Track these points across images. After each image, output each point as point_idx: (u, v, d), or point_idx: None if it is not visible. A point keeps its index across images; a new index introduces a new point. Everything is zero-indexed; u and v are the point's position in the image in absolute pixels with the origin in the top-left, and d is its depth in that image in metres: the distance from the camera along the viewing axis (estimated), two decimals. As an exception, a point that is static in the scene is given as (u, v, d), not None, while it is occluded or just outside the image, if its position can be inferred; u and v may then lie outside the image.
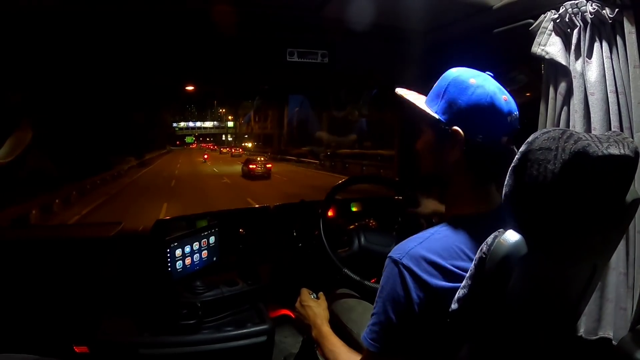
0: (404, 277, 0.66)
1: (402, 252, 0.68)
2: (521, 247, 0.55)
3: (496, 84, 0.72)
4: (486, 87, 0.70)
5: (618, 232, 0.70)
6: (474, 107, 0.70)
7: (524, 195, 0.57)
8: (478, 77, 0.72)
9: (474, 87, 0.70)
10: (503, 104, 0.70)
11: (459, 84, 0.72)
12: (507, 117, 0.70)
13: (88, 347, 1.33)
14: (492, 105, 0.69)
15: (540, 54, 1.04)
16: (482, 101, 0.69)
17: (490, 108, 0.69)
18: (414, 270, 0.65)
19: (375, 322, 0.70)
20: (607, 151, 0.53)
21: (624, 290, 0.95)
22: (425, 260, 0.66)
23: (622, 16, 0.92)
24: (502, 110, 0.69)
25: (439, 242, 0.68)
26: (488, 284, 0.57)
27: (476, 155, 0.71)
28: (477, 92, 0.70)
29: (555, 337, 0.73)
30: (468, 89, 0.70)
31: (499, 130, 0.70)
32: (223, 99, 48.27)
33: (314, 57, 1.50)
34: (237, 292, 1.42)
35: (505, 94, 0.71)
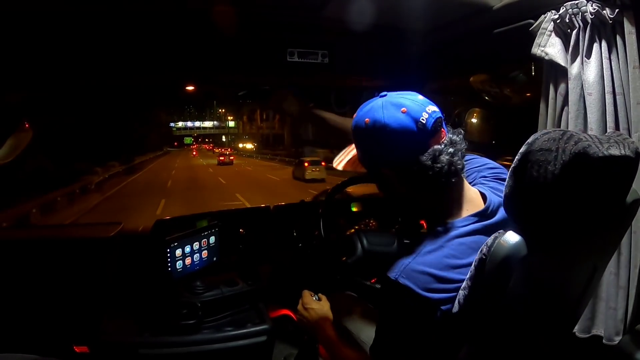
0: (403, 295, 0.65)
1: (398, 270, 0.67)
2: (521, 248, 0.55)
3: (388, 101, 0.69)
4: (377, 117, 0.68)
5: (618, 233, 0.70)
6: (380, 144, 0.69)
7: (524, 196, 0.57)
8: (370, 113, 0.70)
9: (368, 127, 0.69)
10: (403, 120, 0.67)
11: (360, 134, 0.72)
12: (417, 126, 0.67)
13: (88, 347, 1.33)
14: (392, 131, 0.67)
15: (540, 55, 1.04)
16: (381, 134, 0.68)
17: (390, 135, 0.67)
18: (411, 287, 0.65)
19: (380, 338, 0.72)
20: (608, 152, 0.53)
21: (614, 290, 0.96)
22: (421, 274, 0.65)
23: (622, 16, 0.92)
24: (406, 127, 0.67)
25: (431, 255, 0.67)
26: (488, 285, 0.57)
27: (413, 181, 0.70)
28: (373, 129, 0.69)
29: (555, 337, 0.73)
30: (365, 132, 0.70)
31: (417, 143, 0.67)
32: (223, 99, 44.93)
33: (314, 57, 1.50)
34: (237, 292, 1.42)
35: (402, 105, 0.68)
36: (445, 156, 0.67)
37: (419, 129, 0.67)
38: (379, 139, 0.68)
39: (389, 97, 0.70)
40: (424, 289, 0.64)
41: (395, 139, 0.67)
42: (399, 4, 1.23)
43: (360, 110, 0.73)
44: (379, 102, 0.70)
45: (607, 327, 0.97)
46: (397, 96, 0.70)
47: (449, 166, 0.68)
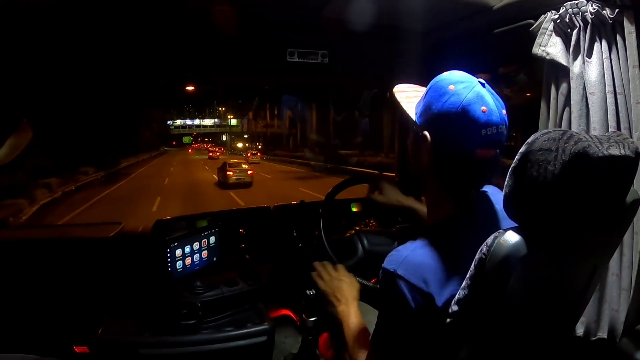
0: (400, 287, 0.66)
1: (396, 262, 0.68)
2: (521, 248, 0.55)
3: (479, 91, 0.68)
4: (462, 96, 0.67)
5: (618, 233, 0.70)
6: (444, 114, 0.68)
7: (524, 196, 0.57)
8: (459, 84, 0.69)
9: (450, 95, 0.68)
10: (479, 115, 0.66)
11: (437, 89, 0.70)
12: (482, 130, 0.66)
13: (88, 347, 1.33)
14: (463, 115, 0.66)
15: (540, 54, 1.04)
16: (452, 110, 0.67)
17: (459, 118, 0.67)
18: (408, 279, 0.65)
19: (379, 330, 0.72)
20: (608, 152, 0.53)
21: (617, 291, 0.95)
22: (418, 267, 0.66)
23: (622, 16, 0.92)
24: (477, 122, 0.66)
25: (427, 249, 0.68)
26: (488, 284, 0.57)
27: (442, 163, 0.71)
28: (450, 100, 0.68)
29: (556, 338, 0.73)
30: (443, 96, 0.69)
31: (470, 141, 0.67)
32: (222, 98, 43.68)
33: (314, 57, 1.50)
34: (237, 292, 1.42)
35: (486, 105, 0.67)
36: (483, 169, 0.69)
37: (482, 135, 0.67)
38: (448, 109, 0.67)
39: (485, 89, 0.69)
40: (421, 280, 0.65)
41: (463, 123, 0.67)
42: (399, 4, 1.23)
43: (453, 73, 0.72)
44: (473, 84, 0.69)
45: (610, 329, 0.97)
46: (489, 94, 0.69)
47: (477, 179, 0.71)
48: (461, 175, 0.71)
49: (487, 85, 0.70)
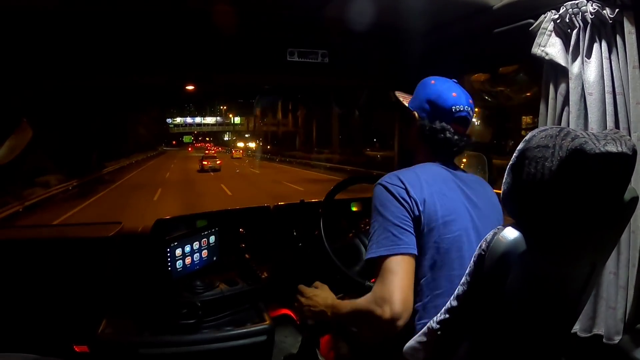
0: (387, 187, 0.86)
1: (384, 178, 0.89)
2: (520, 244, 0.55)
3: (451, 85, 0.96)
4: (439, 86, 0.96)
5: (617, 231, 0.70)
6: (426, 98, 0.96)
7: (522, 193, 0.57)
8: (438, 80, 0.98)
9: (430, 85, 0.97)
10: (450, 97, 0.94)
11: (423, 83, 1.00)
12: (453, 107, 0.93)
13: (88, 347, 1.33)
14: (438, 97, 0.94)
15: (540, 54, 1.04)
16: (431, 94, 0.95)
17: (436, 99, 0.94)
18: (394, 184, 0.86)
19: (380, 232, 0.84)
20: (605, 149, 0.53)
21: (614, 289, 0.95)
22: (398, 176, 0.88)
23: (622, 16, 0.92)
24: (448, 101, 0.93)
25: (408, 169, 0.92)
26: (487, 280, 0.57)
27: (425, 131, 0.95)
28: (431, 88, 0.97)
29: (554, 334, 0.73)
30: (427, 87, 0.98)
31: (445, 116, 0.94)
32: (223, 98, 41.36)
33: (314, 57, 1.50)
34: (237, 292, 1.42)
35: (456, 92, 0.94)
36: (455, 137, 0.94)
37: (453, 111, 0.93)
38: (428, 95, 0.96)
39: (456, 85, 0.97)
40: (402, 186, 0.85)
41: (438, 103, 0.94)
42: (398, 3, 1.23)
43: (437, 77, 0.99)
44: (448, 80, 0.98)
45: (607, 326, 0.97)
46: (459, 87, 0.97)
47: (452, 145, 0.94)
48: (442, 142, 0.94)
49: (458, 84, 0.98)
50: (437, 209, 0.84)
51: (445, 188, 0.89)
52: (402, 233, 0.82)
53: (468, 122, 0.96)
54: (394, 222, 0.83)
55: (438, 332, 0.66)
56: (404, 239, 0.81)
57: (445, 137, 0.93)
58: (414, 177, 0.88)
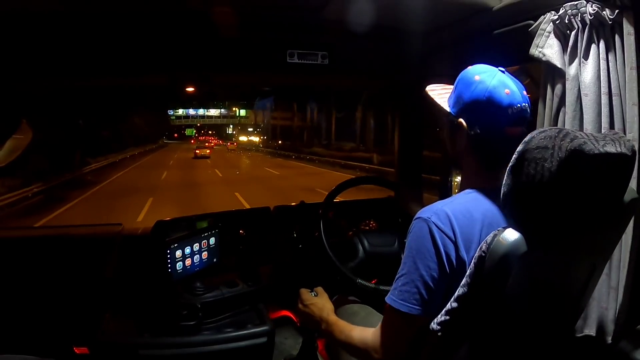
0: (433, 232, 0.71)
1: (430, 211, 0.74)
2: (520, 246, 0.55)
3: (502, 78, 0.78)
4: (486, 83, 0.78)
5: (617, 231, 0.70)
6: (474, 101, 0.78)
7: (522, 194, 0.57)
8: (483, 74, 0.79)
9: (476, 84, 0.78)
10: (503, 97, 0.76)
11: (465, 80, 0.81)
12: (508, 109, 0.76)
13: (88, 348, 1.33)
14: (490, 99, 0.77)
15: (537, 56, 1.04)
16: (481, 96, 0.77)
17: (487, 102, 0.77)
18: (441, 226, 0.71)
19: (405, 282, 0.74)
20: (604, 149, 0.53)
21: (606, 290, 0.95)
22: (449, 219, 0.72)
23: (621, 17, 0.92)
24: (501, 103, 0.76)
25: (460, 205, 0.75)
26: (487, 282, 0.57)
27: (477, 143, 0.79)
28: (478, 88, 0.78)
29: (555, 336, 0.73)
30: (471, 85, 0.79)
31: (500, 121, 0.77)
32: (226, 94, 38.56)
33: (314, 58, 1.50)
34: (237, 293, 1.41)
35: (509, 88, 0.77)
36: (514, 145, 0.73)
37: (509, 113, 0.76)
38: (477, 97, 0.78)
39: (506, 75, 0.80)
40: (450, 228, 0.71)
41: (490, 106, 0.77)
42: (398, 5, 1.23)
43: (476, 66, 0.82)
44: (495, 73, 0.80)
45: (598, 327, 0.97)
46: (510, 79, 0.79)
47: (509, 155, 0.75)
48: (495, 152, 0.78)
49: (507, 72, 0.80)
50: None
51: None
52: (430, 294, 0.72)
53: (526, 121, 0.80)
54: (424, 280, 0.72)
55: (438, 333, 0.66)
56: (428, 301, 0.72)
57: (503, 146, 0.74)
58: (468, 223, 0.72)
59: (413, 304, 0.72)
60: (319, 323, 1.04)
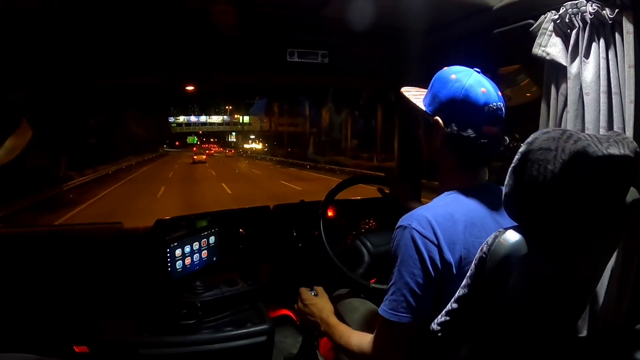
0: (415, 238, 0.72)
1: (411, 218, 0.75)
2: (521, 247, 0.55)
3: (477, 77, 0.79)
4: (463, 82, 0.78)
5: (618, 233, 0.70)
6: (450, 99, 0.79)
7: (524, 195, 0.57)
8: (459, 73, 0.80)
9: (452, 82, 0.79)
10: (479, 96, 0.77)
11: (441, 80, 0.82)
12: (484, 108, 0.77)
13: (88, 347, 1.33)
14: (466, 97, 0.77)
15: (541, 55, 1.04)
16: (457, 94, 0.78)
17: (463, 100, 0.77)
18: (422, 231, 0.72)
19: (393, 291, 0.74)
20: (607, 151, 0.53)
21: (606, 290, 0.95)
22: (430, 223, 0.72)
23: (621, 16, 0.92)
24: (477, 102, 0.77)
25: (440, 208, 0.76)
26: (488, 283, 0.57)
27: (453, 141, 0.79)
28: (454, 86, 0.79)
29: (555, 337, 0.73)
30: (447, 84, 0.80)
31: (476, 119, 0.77)
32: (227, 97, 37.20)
33: (314, 57, 1.50)
34: (237, 292, 1.42)
35: (485, 87, 0.78)
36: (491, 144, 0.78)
37: (485, 111, 0.77)
38: (453, 95, 0.78)
39: (480, 75, 0.80)
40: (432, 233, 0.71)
41: (466, 104, 0.77)
42: (398, 4, 1.23)
43: (452, 67, 0.83)
44: (471, 72, 0.80)
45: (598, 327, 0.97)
46: (485, 79, 0.80)
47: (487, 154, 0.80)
48: (472, 150, 0.78)
49: (482, 73, 0.81)
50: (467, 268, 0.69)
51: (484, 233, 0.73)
52: (417, 301, 0.72)
53: (502, 121, 0.80)
54: (410, 287, 0.72)
55: (439, 334, 0.66)
56: (416, 308, 0.72)
57: (479, 146, 0.77)
58: (450, 225, 0.73)
59: (401, 312, 0.73)
60: (318, 324, 1.04)
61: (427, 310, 0.72)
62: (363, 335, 0.86)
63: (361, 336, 0.87)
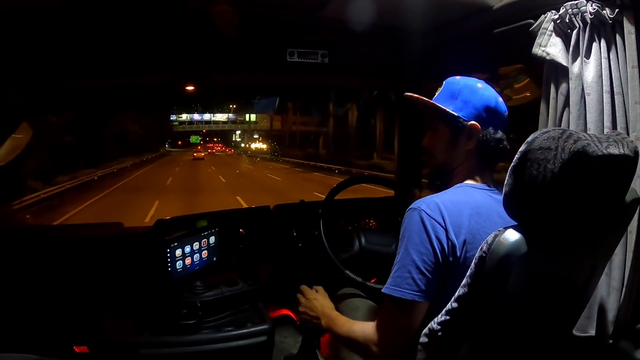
0: (423, 219, 0.75)
1: (421, 202, 0.79)
2: (521, 246, 0.55)
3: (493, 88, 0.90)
4: (491, 91, 0.89)
5: (618, 232, 0.70)
6: (485, 106, 0.87)
7: (524, 195, 0.57)
8: (481, 83, 0.90)
9: (482, 90, 0.88)
10: (501, 104, 0.89)
11: (470, 87, 0.89)
12: (504, 114, 0.89)
13: (88, 347, 1.33)
14: (497, 105, 0.88)
15: (541, 55, 1.04)
16: (491, 102, 0.87)
17: (495, 107, 0.87)
18: (431, 214, 0.75)
19: (399, 267, 0.77)
20: (607, 151, 0.53)
21: (607, 290, 0.95)
22: (439, 207, 0.76)
23: (622, 16, 0.92)
24: (502, 109, 0.89)
25: (449, 196, 0.81)
26: (488, 282, 0.57)
27: (487, 144, 0.86)
28: (486, 94, 0.88)
29: (555, 336, 0.73)
30: (478, 91, 0.88)
31: (500, 124, 0.88)
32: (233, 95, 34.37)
33: (314, 57, 1.50)
34: (237, 292, 1.41)
35: (498, 95, 0.89)
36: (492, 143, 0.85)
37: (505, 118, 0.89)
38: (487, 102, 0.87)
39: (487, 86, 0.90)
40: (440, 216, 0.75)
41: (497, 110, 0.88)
42: (398, 4, 1.23)
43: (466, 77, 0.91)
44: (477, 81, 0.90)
45: (599, 327, 0.97)
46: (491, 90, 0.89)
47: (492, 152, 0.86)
48: (498, 152, 0.86)
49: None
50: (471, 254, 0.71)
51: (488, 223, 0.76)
52: (422, 279, 0.74)
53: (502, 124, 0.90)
54: (416, 264, 0.74)
55: (439, 333, 0.66)
56: (420, 285, 0.74)
57: (504, 146, 0.87)
58: (456, 210, 0.76)
59: (405, 288, 0.74)
60: (320, 318, 1.05)
61: (431, 291, 0.74)
62: (365, 323, 0.87)
63: (364, 324, 0.88)
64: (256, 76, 1.71)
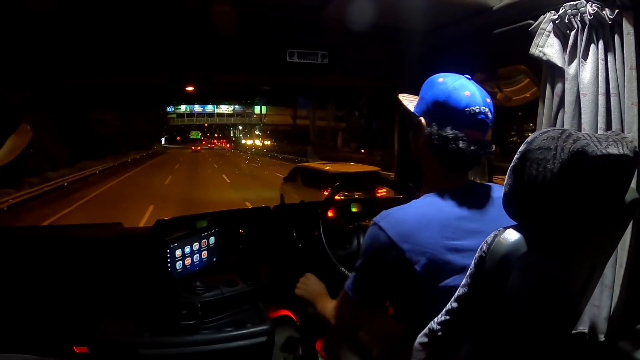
0: (379, 237, 0.77)
1: (382, 216, 0.80)
2: (521, 246, 0.55)
3: (464, 81, 0.80)
4: (448, 84, 0.80)
5: (617, 232, 0.70)
6: (434, 101, 0.80)
7: (524, 195, 0.57)
8: (447, 77, 0.82)
9: (438, 84, 0.81)
10: (461, 98, 0.78)
11: (429, 82, 0.84)
12: (465, 110, 0.77)
13: (88, 348, 1.33)
14: (448, 98, 0.78)
15: (538, 55, 1.04)
16: (440, 96, 0.79)
17: (445, 101, 0.79)
18: (386, 231, 0.76)
19: (355, 273, 0.84)
20: (606, 151, 0.53)
21: (599, 288, 0.95)
22: (398, 222, 0.77)
23: (621, 17, 0.92)
24: (459, 104, 0.77)
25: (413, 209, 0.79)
26: (487, 282, 0.57)
27: (433, 141, 0.80)
28: (439, 88, 0.80)
29: (555, 336, 0.73)
30: (434, 86, 0.82)
31: (456, 121, 0.78)
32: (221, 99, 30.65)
33: (314, 57, 1.50)
34: (237, 293, 1.41)
35: (470, 90, 0.78)
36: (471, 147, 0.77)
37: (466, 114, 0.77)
38: (436, 96, 0.80)
39: (470, 81, 0.81)
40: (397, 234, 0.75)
41: (448, 105, 0.78)
42: (398, 4, 1.23)
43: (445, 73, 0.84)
44: (459, 77, 0.81)
45: (591, 325, 0.97)
46: (473, 84, 0.81)
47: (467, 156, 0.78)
48: (450, 151, 0.78)
49: (473, 80, 0.82)
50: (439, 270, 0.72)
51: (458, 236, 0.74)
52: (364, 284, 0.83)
53: (486, 126, 0.79)
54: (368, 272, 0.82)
55: (439, 333, 0.66)
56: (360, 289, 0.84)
57: (458, 147, 0.77)
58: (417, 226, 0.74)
59: (350, 287, 0.84)
60: (312, 300, 1.09)
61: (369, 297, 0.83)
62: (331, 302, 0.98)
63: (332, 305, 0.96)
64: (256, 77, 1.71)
